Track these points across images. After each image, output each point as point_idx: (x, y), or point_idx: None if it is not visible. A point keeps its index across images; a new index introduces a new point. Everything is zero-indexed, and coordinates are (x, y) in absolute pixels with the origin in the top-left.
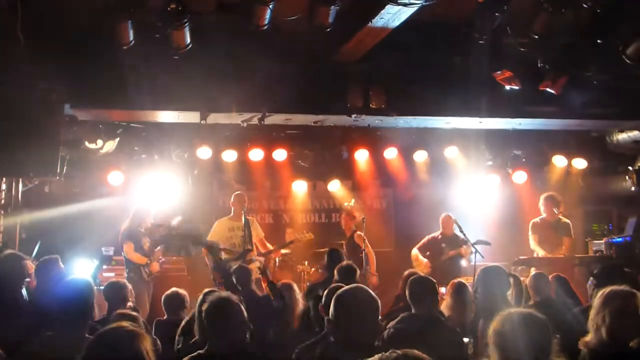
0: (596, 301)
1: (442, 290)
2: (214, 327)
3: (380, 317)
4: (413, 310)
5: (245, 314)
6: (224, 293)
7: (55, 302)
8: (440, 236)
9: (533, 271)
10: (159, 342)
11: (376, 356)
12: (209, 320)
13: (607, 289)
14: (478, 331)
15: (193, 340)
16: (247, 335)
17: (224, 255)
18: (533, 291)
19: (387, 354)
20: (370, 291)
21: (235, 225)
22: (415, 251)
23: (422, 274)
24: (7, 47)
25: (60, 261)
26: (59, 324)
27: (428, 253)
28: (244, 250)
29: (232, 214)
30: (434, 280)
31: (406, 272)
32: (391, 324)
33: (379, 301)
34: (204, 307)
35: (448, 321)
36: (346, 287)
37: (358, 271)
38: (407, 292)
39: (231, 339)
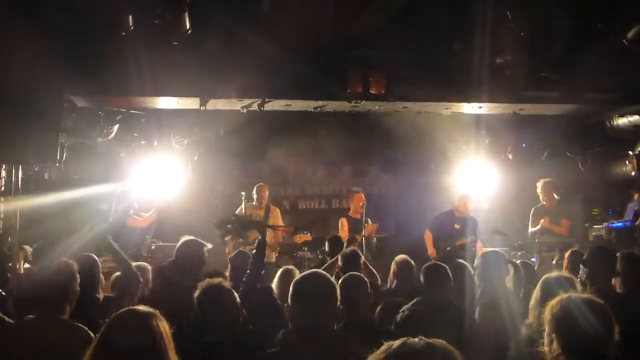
0: None
1: None
2: (206, 315)
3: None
4: (426, 295)
5: (237, 301)
6: (216, 280)
7: (34, 287)
8: (452, 214)
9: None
10: None
11: (399, 340)
12: (200, 309)
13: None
14: (477, 316)
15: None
16: (240, 322)
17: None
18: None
19: (414, 339)
20: (328, 276)
21: (256, 214)
22: (427, 233)
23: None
24: (6, 34)
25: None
26: (37, 309)
27: (437, 233)
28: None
29: (255, 202)
30: (447, 267)
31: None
32: (405, 307)
33: (336, 286)
34: (195, 295)
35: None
36: (302, 273)
37: (362, 257)
38: (421, 278)
39: (224, 326)
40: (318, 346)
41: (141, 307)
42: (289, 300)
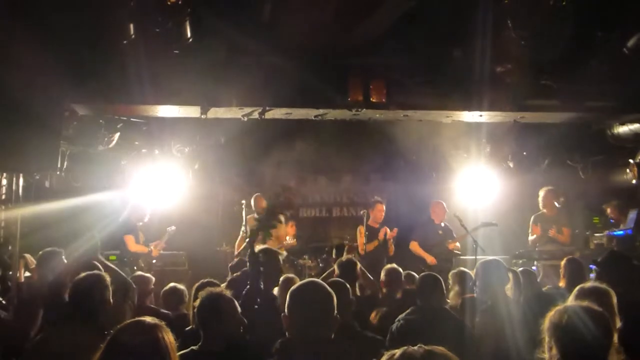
0: None
1: None
2: (207, 324)
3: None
4: (420, 303)
5: (238, 309)
6: (217, 289)
7: (63, 298)
8: (432, 222)
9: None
10: None
11: (400, 349)
12: (201, 318)
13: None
14: (476, 324)
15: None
16: (241, 331)
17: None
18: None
19: (414, 348)
20: (325, 285)
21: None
22: (414, 244)
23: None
24: (7, 42)
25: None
26: (66, 320)
27: (425, 240)
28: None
29: (255, 214)
30: (440, 278)
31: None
32: (401, 316)
33: (333, 295)
34: (196, 304)
35: (453, 310)
36: (300, 282)
37: (358, 265)
38: (417, 286)
39: (224, 336)
40: (315, 355)
41: (148, 319)
42: (286, 309)
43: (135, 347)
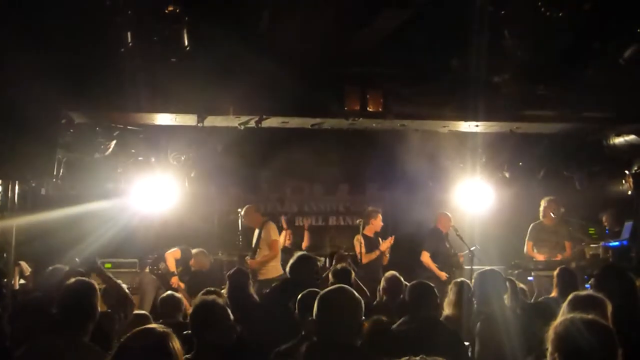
0: None
1: None
2: (199, 332)
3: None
4: (412, 314)
5: (231, 317)
6: (210, 297)
7: (51, 306)
8: (441, 232)
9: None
10: None
11: (404, 358)
12: (194, 326)
13: None
14: (475, 334)
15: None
16: (234, 337)
17: None
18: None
19: (416, 358)
20: (354, 292)
21: (255, 233)
22: (426, 254)
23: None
24: (3, 49)
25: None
26: (53, 328)
27: (437, 250)
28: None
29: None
30: (433, 285)
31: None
32: (393, 327)
33: (361, 301)
34: (188, 312)
35: (447, 320)
36: (330, 287)
37: (353, 274)
38: (407, 296)
39: (217, 343)
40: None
41: (157, 327)
42: (315, 313)
43: (145, 354)
